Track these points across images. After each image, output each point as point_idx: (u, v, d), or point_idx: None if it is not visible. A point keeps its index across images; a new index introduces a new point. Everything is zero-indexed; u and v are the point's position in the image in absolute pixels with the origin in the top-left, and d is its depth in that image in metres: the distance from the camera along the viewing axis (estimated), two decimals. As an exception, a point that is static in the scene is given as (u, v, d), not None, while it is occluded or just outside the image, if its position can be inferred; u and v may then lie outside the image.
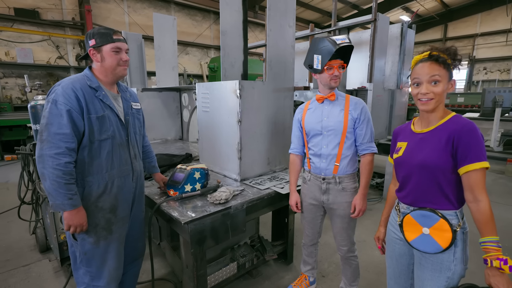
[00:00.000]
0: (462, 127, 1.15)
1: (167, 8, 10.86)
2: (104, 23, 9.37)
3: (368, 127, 1.80)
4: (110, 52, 1.48)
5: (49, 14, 8.37)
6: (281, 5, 2.38)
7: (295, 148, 2.02)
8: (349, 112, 1.78)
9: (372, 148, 1.80)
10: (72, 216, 1.38)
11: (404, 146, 1.34)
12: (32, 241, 2.97)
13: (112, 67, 1.51)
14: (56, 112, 1.35)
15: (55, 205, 1.35)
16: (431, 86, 1.19)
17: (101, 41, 1.46)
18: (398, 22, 4.86)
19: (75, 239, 1.49)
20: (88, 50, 1.49)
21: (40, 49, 8.39)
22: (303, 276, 2.28)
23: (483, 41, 15.65)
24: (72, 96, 1.38)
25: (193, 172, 1.94)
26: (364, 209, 1.80)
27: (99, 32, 1.47)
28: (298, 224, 3.34)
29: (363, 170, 1.81)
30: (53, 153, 1.32)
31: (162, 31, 4.03)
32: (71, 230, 1.41)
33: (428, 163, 1.21)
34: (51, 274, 2.47)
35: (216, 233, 1.74)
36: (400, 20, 14.52)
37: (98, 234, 1.51)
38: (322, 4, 13.68)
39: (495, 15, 14.94)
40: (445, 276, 1.22)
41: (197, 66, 12.09)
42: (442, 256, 1.22)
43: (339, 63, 1.74)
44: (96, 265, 1.53)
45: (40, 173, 1.34)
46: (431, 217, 1.22)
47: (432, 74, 1.17)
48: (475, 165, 1.11)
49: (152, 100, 3.98)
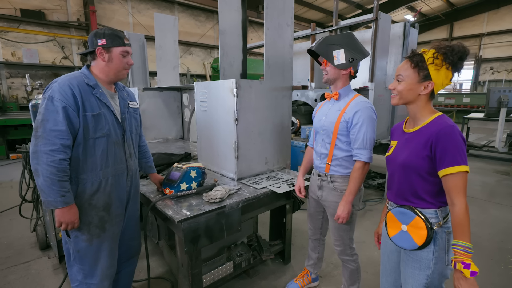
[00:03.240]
0: (439, 131, 1.14)
1: (170, 8, 10.93)
2: (109, 24, 9.46)
3: (361, 132, 1.66)
4: (119, 54, 1.53)
5: (54, 15, 8.49)
6: (279, 3, 2.38)
7: (310, 141, 2.08)
8: (344, 113, 1.72)
9: (360, 155, 1.67)
10: (64, 213, 1.38)
11: (394, 145, 1.35)
12: (33, 238, 3.01)
13: (118, 69, 1.56)
14: (52, 108, 1.35)
15: (47, 202, 1.36)
16: (396, 82, 1.25)
17: (112, 43, 1.50)
18: (402, 22, 4.81)
19: (69, 236, 1.50)
20: (95, 48, 1.50)
21: (46, 49, 8.51)
22: (305, 271, 2.30)
23: (489, 41, 15.43)
24: (69, 93, 1.39)
25: (189, 171, 1.94)
26: (344, 216, 1.70)
27: (111, 33, 1.50)
28: (296, 224, 3.33)
29: (350, 176, 1.72)
30: (48, 149, 1.33)
31: (163, 31, 4.05)
32: (63, 227, 1.41)
33: (407, 164, 1.23)
34: (50, 271, 2.50)
35: (210, 232, 1.74)
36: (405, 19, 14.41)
37: (91, 232, 1.51)
38: (326, 4, 13.63)
39: (502, 14, 14.73)
40: (424, 274, 1.23)
41: (200, 66, 12.14)
42: (421, 253, 1.23)
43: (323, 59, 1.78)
44: (89, 263, 1.53)
45: (34, 169, 1.34)
46: (408, 215, 1.24)
47: (398, 73, 1.24)
48: (451, 169, 1.10)
49: (153, 99, 4.00)
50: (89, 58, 1.58)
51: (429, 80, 1.16)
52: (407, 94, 1.22)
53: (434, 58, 1.13)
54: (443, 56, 1.12)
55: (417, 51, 1.19)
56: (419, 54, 1.18)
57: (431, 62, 1.14)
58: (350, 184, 1.71)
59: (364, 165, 1.69)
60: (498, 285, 2.37)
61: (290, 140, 2.71)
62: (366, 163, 1.69)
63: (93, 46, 1.51)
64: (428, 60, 1.14)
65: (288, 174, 2.49)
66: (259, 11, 11.90)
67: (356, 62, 1.73)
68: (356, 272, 2.00)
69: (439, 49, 1.13)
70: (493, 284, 2.37)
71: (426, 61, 1.15)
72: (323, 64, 1.78)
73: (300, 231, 3.23)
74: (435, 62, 1.13)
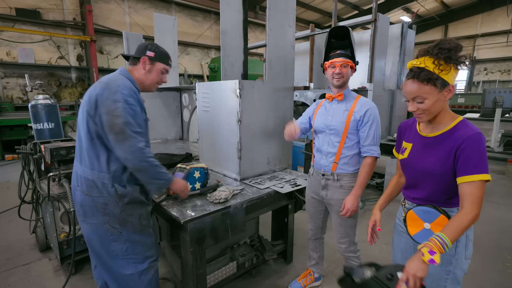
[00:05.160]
0: (467, 138, 1.11)
1: (168, 8, 10.87)
2: (105, 24, 9.39)
3: (372, 130, 1.76)
4: (159, 70, 1.65)
5: (50, 14, 8.39)
6: (281, 4, 2.39)
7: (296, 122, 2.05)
8: (353, 113, 1.78)
9: (372, 151, 1.77)
10: (176, 184, 1.63)
11: (409, 148, 1.33)
12: (32, 240, 2.97)
13: (153, 82, 1.66)
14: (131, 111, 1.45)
15: (160, 185, 1.54)
16: (416, 104, 1.17)
17: (159, 58, 1.63)
18: (399, 23, 4.86)
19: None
20: (141, 56, 1.60)
21: (41, 49, 8.40)
22: (308, 271, 2.32)
23: (483, 42, 15.63)
24: (135, 97, 1.52)
25: (193, 171, 1.93)
26: (353, 209, 1.78)
27: (161, 50, 1.65)
28: (298, 224, 3.34)
29: (360, 171, 1.81)
30: (142, 145, 1.45)
31: (163, 31, 4.03)
32: (182, 196, 1.73)
33: (432, 172, 1.21)
34: (51, 273, 2.48)
35: (215, 232, 1.74)
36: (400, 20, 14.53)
37: (142, 223, 1.60)
38: (323, 5, 13.68)
39: (495, 16, 14.93)
40: (445, 269, 1.24)
41: (197, 67, 12.09)
42: None
43: (342, 61, 1.73)
44: (141, 247, 1.60)
45: (138, 167, 1.44)
46: (432, 213, 1.24)
47: (414, 96, 1.15)
48: (473, 177, 1.09)
49: (153, 100, 3.98)
50: (129, 62, 1.66)
51: (447, 84, 1.13)
52: (436, 108, 1.16)
53: (438, 66, 1.09)
54: (444, 60, 1.09)
55: (415, 68, 1.14)
56: (422, 69, 1.12)
57: (439, 71, 1.10)
58: (360, 178, 1.79)
59: (375, 160, 1.78)
60: (497, 283, 2.41)
61: (292, 140, 2.72)
62: (376, 158, 1.78)
63: (140, 54, 1.61)
64: (434, 70, 1.10)
65: (290, 174, 2.50)
66: (256, 11, 11.90)
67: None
68: None
69: (435, 55, 1.10)
70: (492, 282, 2.41)
71: (433, 71, 1.10)
72: (339, 68, 1.74)
73: (301, 231, 3.24)
74: (441, 68, 1.10)
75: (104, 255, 1.57)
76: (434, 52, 1.10)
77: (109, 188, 1.47)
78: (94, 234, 1.55)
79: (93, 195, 1.48)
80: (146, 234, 1.61)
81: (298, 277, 2.34)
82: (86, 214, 1.53)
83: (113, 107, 1.38)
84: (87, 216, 1.53)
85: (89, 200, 1.49)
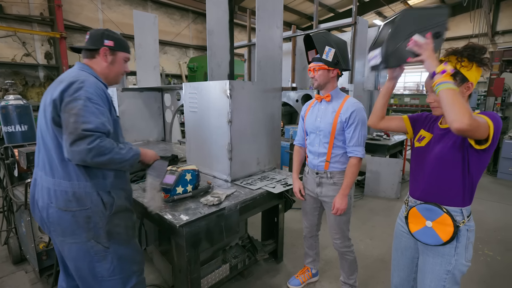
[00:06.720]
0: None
1: (143, 5, 10.52)
2: (76, 20, 8.89)
3: (356, 131, 1.81)
4: (122, 60, 1.55)
5: (14, 8, 7.80)
6: (269, 6, 2.40)
7: (298, 140, 2.15)
8: (340, 115, 1.83)
9: (356, 152, 1.82)
10: (148, 155, 1.55)
11: (428, 138, 1.35)
12: (4, 252, 2.75)
13: (117, 74, 1.56)
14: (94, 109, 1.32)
15: (131, 161, 1.39)
16: (434, 95, 1.21)
17: (119, 47, 1.51)
18: (372, 26, 5.06)
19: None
20: (99, 47, 1.46)
21: (4, 45, 7.79)
22: (305, 268, 2.38)
23: (447, 46, 16.46)
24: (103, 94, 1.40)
25: (184, 174, 1.89)
26: (343, 208, 1.85)
27: (119, 38, 1.52)
28: (288, 223, 3.37)
29: (346, 172, 1.86)
30: (95, 144, 1.29)
31: (143, 29, 3.91)
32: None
33: (443, 156, 1.23)
34: (27, 286, 2.30)
35: (210, 235, 1.72)
36: (374, 24, 15.13)
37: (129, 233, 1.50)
38: (300, 6, 13.92)
39: (458, 22, 16.00)
40: (444, 269, 1.27)
41: (175, 66, 11.82)
42: (443, 249, 1.27)
43: (313, 66, 1.83)
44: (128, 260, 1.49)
45: (100, 162, 1.27)
46: (434, 211, 1.27)
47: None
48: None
49: (133, 100, 3.84)
50: (84, 55, 1.50)
51: (467, 81, 1.19)
52: None
53: (461, 62, 1.17)
54: (467, 58, 1.17)
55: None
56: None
57: (460, 66, 1.17)
58: (347, 178, 1.84)
59: (360, 160, 1.83)
60: (485, 274, 2.58)
61: (280, 140, 2.75)
62: (361, 159, 1.83)
63: (97, 44, 1.46)
64: (456, 65, 1.18)
65: (280, 173, 2.52)
66: (235, 11, 11.87)
67: (339, 67, 1.85)
68: (355, 262, 2.11)
69: (460, 52, 1.18)
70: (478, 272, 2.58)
71: (455, 66, 1.17)
72: (312, 72, 1.85)
73: (289, 230, 3.28)
74: (463, 64, 1.17)
75: (87, 278, 1.40)
76: (459, 50, 1.19)
77: (94, 196, 1.33)
78: (75, 255, 1.37)
79: (73, 209, 1.31)
80: (132, 246, 1.50)
81: (292, 275, 2.38)
82: (65, 234, 1.34)
83: (72, 105, 1.24)
84: (66, 236, 1.34)
85: (69, 216, 1.31)
